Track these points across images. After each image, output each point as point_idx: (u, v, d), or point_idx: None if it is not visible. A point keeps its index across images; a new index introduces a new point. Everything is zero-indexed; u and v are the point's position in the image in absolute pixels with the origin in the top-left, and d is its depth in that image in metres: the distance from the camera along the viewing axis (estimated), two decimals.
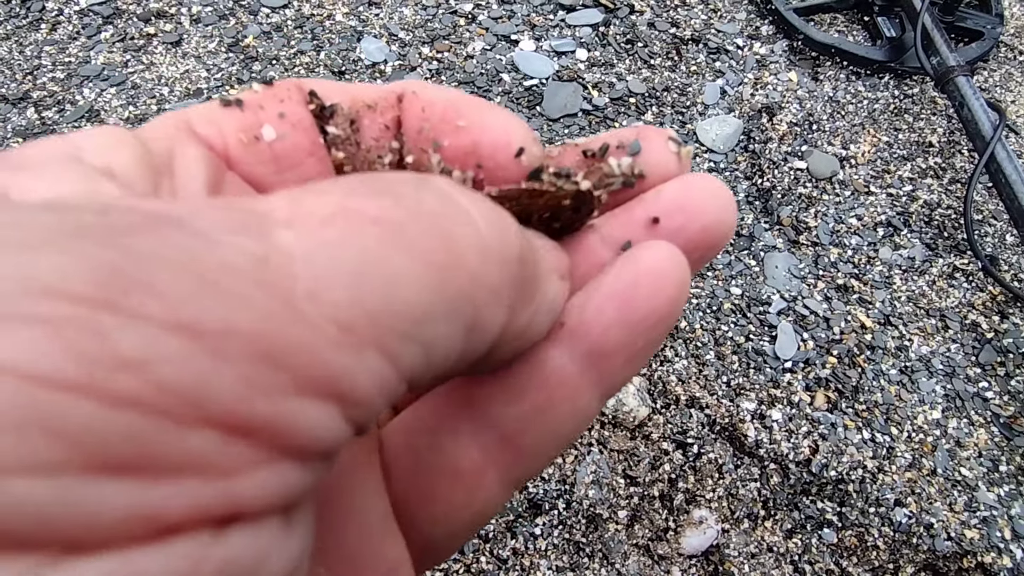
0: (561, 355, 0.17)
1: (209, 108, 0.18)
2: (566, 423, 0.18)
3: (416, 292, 0.12)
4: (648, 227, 0.19)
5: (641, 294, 0.17)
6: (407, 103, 0.19)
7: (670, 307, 0.17)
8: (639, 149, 0.19)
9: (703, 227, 0.19)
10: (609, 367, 0.17)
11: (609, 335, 0.17)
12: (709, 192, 0.19)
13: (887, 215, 0.84)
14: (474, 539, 0.60)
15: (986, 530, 0.64)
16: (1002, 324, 0.76)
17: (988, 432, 0.70)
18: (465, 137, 0.18)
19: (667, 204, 0.19)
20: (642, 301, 0.17)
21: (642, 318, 0.17)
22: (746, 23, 1.02)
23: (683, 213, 0.19)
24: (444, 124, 0.18)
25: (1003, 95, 0.98)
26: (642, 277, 0.17)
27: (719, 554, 0.62)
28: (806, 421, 0.68)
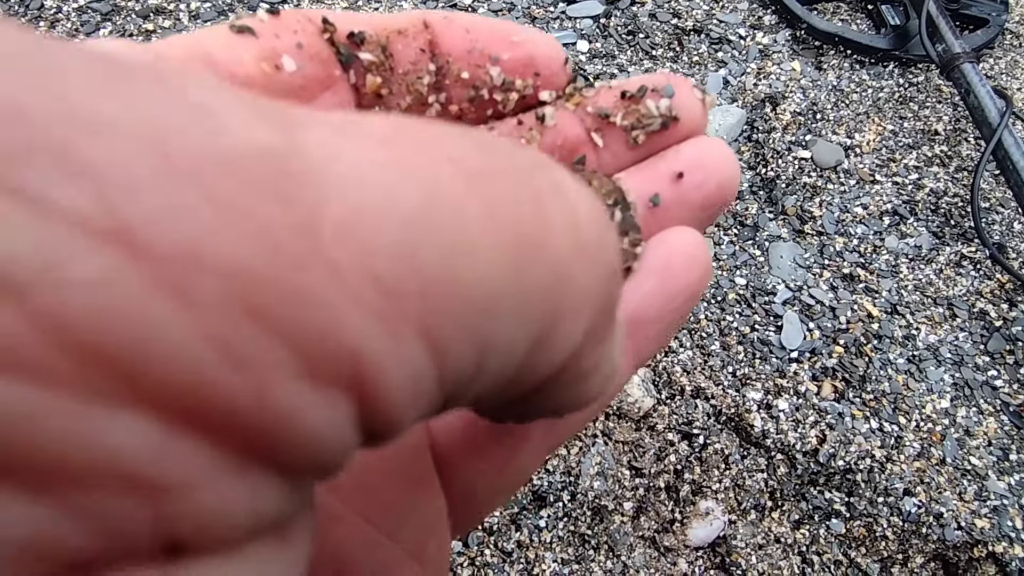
0: None
1: (224, 33, 0.17)
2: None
3: (489, 266, 0.08)
4: (673, 181, 0.20)
5: (677, 269, 0.19)
6: (444, 27, 0.19)
7: (700, 282, 0.19)
8: (673, 93, 0.20)
9: (719, 183, 0.20)
10: (645, 336, 0.18)
11: (649, 304, 0.18)
12: (722, 153, 0.20)
13: (893, 204, 0.83)
14: (478, 531, 0.59)
15: (997, 519, 0.63)
16: (1011, 312, 0.76)
17: (997, 421, 0.69)
18: (521, 50, 0.19)
19: (689, 161, 0.20)
20: (679, 274, 0.18)
21: (679, 290, 0.18)
22: (748, 13, 1.01)
23: (702, 170, 0.20)
24: (497, 42, 0.19)
25: (1009, 82, 0.97)
26: (675, 255, 0.19)
27: (726, 545, 0.62)
28: (813, 411, 0.68)
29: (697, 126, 0.21)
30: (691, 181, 0.20)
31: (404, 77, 0.19)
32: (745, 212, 0.81)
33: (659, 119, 0.20)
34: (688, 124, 0.21)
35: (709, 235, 0.79)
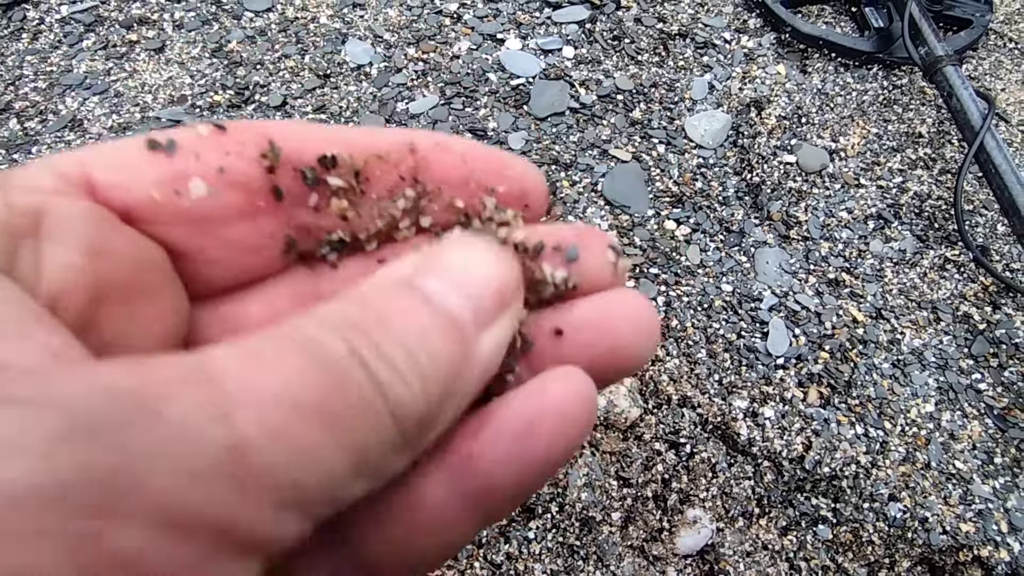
0: (440, 488, 0.16)
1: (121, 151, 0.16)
2: (432, 552, 0.17)
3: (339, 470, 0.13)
4: (550, 337, 0.18)
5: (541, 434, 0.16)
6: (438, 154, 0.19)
7: (569, 450, 0.16)
8: (576, 256, 0.18)
9: (612, 347, 0.17)
10: (492, 503, 0.16)
11: (498, 474, 0.16)
12: (629, 314, 0.18)
13: (877, 207, 0.84)
14: (468, 545, 0.60)
15: (982, 523, 0.64)
16: (994, 315, 0.76)
17: (982, 424, 0.70)
18: (516, 184, 0.19)
19: (579, 318, 0.18)
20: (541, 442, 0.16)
21: (537, 460, 0.16)
22: (733, 17, 1.01)
23: (593, 330, 0.18)
24: (491, 173, 0.19)
25: (993, 83, 0.97)
26: (543, 415, 0.16)
27: (714, 553, 0.62)
28: (799, 417, 0.68)
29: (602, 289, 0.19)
30: (574, 340, 0.18)
31: (377, 202, 0.19)
32: (731, 218, 0.81)
33: (550, 287, 0.18)
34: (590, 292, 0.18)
35: (695, 242, 0.79)
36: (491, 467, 0.16)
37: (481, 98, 0.90)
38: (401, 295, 0.15)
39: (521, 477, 0.16)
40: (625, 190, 0.82)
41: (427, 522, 0.16)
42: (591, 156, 0.85)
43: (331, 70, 0.92)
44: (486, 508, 0.16)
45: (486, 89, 0.91)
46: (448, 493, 0.16)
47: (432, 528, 0.16)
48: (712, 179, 0.84)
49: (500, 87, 0.91)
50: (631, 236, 0.79)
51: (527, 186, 0.20)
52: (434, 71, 0.93)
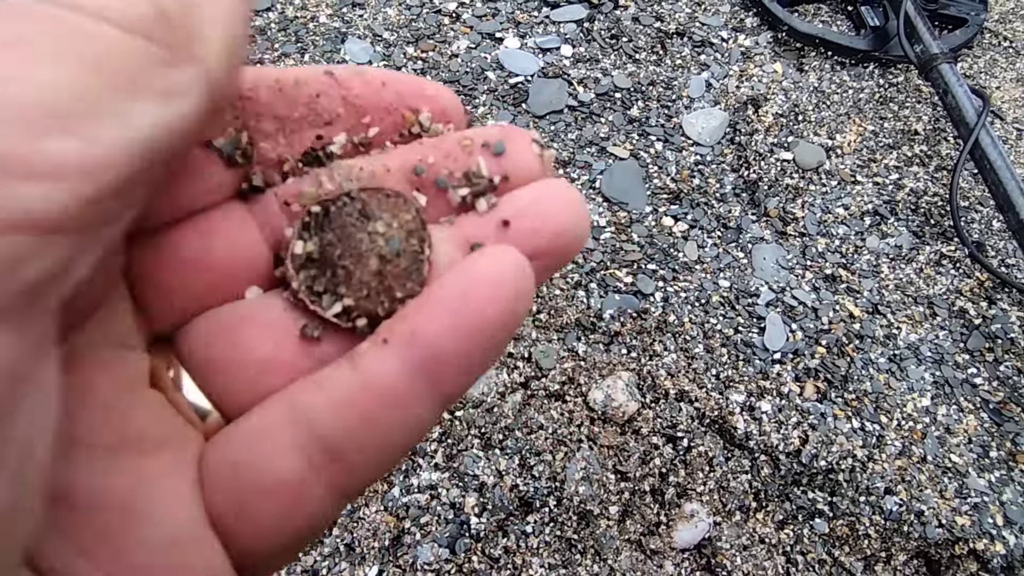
0: (392, 363, 0.17)
1: None
2: (396, 432, 0.17)
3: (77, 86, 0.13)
4: (499, 229, 0.19)
5: (474, 302, 0.17)
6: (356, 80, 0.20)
7: (505, 316, 0.17)
8: (503, 150, 0.20)
9: (554, 232, 0.19)
10: (443, 375, 0.17)
11: (441, 343, 0.17)
12: (563, 198, 0.19)
13: (874, 204, 0.84)
14: (466, 539, 0.60)
15: (977, 516, 0.64)
16: (990, 310, 0.77)
17: (978, 418, 0.70)
18: (436, 103, 0.21)
19: (520, 207, 0.19)
20: (475, 309, 0.17)
21: (475, 327, 0.17)
22: (730, 15, 1.02)
23: (535, 217, 0.19)
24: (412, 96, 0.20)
25: (988, 81, 0.98)
26: (477, 285, 0.17)
27: (711, 547, 0.62)
28: (796, 412, 0.68)
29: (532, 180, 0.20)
30: (520, 228, 0.19)
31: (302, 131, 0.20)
32: (728, 215, 0.82)
33: (485, 180, 0.20)
34: (521, 183, 0.20)
35: (693, 239, 0.80)
36: (434, 338, 0.17)
37: (480, 96, 0.90)
38: None
39: (465, 345, 0.17)
40: (623, 187, 0.82)
41: (385, 399, 0.17)
42: (589, 153, 0.85)
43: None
44: (438, 379, 0.17)
45: (485, 87, 0.91)
46: (401, 368, 0.17)
47: (391, 405, 0.17)
48: (709, 176, 0.85)
49: (499, 85, 0.92)
50: (629, 233, 0.79)
51: (445, 104, 0.21)
52: (433, 70, 0.93)
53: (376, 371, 0.17)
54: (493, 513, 0.61)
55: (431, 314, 0.17)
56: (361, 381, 0.17)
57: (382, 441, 0.17)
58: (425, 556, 0.59)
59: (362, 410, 0.17)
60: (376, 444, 0.17)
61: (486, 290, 0.17)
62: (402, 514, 0.60)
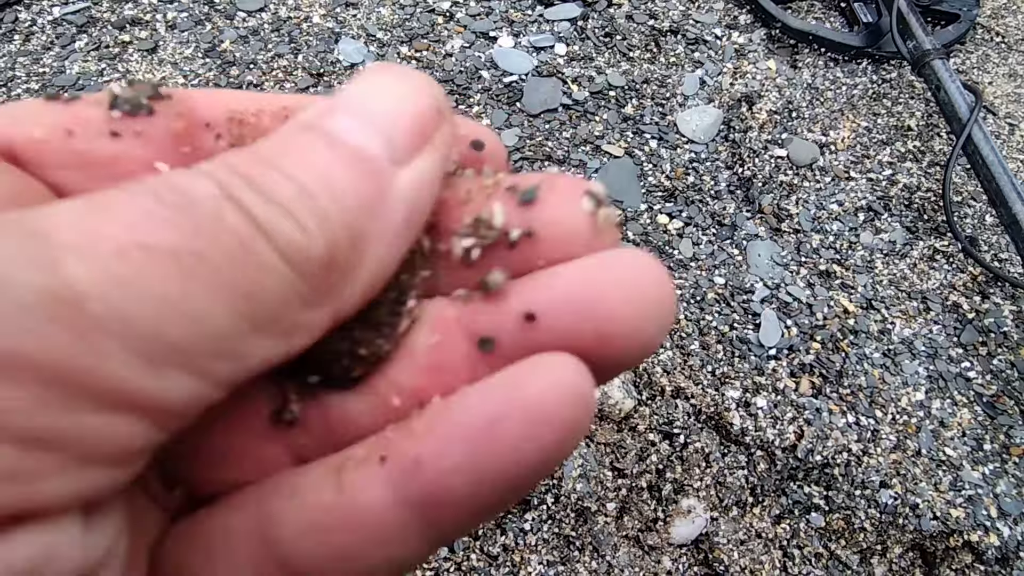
0: (381, 491, 0.13)
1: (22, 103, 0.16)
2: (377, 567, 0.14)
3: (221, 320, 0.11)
4: (520, 323, 0.14)
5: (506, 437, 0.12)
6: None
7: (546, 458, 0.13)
8: (533, 198, 0.14)
9: (603, 334, 0.13)
10: (443, 518, 0.13)
11: (451, 484, 0.13)
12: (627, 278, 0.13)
13: (867, 200, 0.85)
14: (464, 537, 0.60)
15: (972, 509, 0.65)
16: (983, 304, 0.77)
17: (971, 411, 0.70)
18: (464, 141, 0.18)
19: (559, 293, 0.14)
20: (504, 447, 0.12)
21: (500, 470, 0.13)
22: (724, 13, 1.02)
23: (577, 312, 0.13)
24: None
25: (981, 76, 0.98)
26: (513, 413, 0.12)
27: (709, 542, 0.63)
28: (791, 407, 0.69)
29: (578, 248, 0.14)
30: (551, 327, 0.13)
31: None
32: (723, 212, 0.82)
33: (495, 232, 0.14)
34: (557, 247, 0.14)
35: (688, 236, 0.80)
36: (440, 476, 0.13)
37: (474, 95, 0.90)
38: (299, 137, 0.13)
39: (479, 488, 0.13)
40: (618, 185, 0.83)
41: (366, 531, 0.14)
42: (584, 152, 0.86)
43: (324, 69, 0.93)
44: (437, 522, 0.13)
45: (479, 87, 0.91)
46: (390, 499, 0.13)
47: (371, 538, 0.14)
48: (704, 173, 0.85)
49: (493, 84, 0.92)
50: (624, 230, 0.79)
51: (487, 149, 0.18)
52: (427, 69, 0.93)
53: (362, 497, 0.14)
54: None
55: (444, 442, 0.13)
56: (343, 506, 0.14)
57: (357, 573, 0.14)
58: None
59: (338, 541, 0.14)
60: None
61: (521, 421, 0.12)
62: None
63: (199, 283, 0.11)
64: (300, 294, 0.12)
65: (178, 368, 0.11)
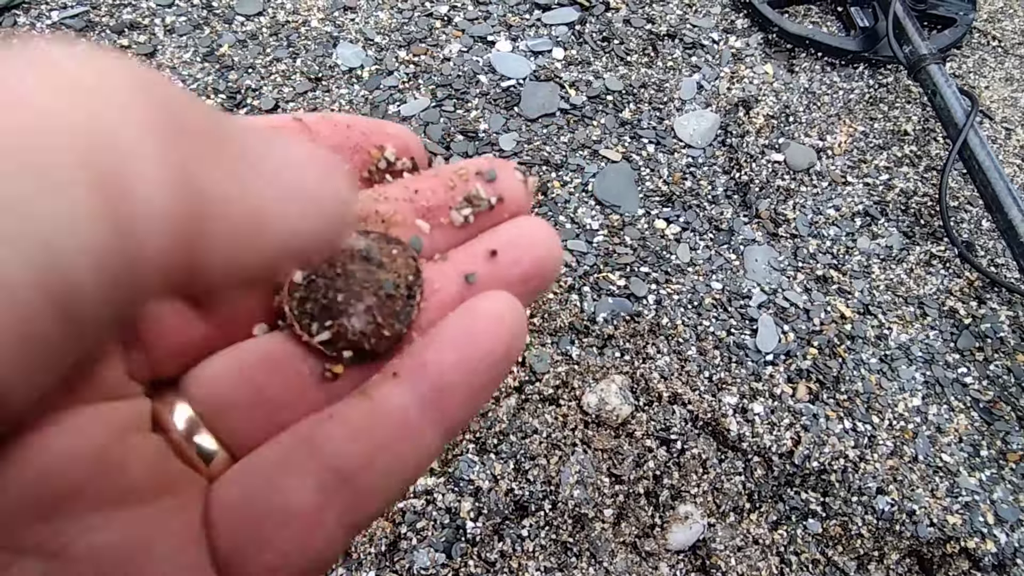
0: (403, 394, 0.18)
1: None
2: (407, 462, 0.18)
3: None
4: (488, 259, 0.21)
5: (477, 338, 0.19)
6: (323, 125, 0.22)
7: (504, 350, 0.19)
8: (495, 176, 0.23)
9: (535, 259, 0.21)
10: (449, 405, 0.19)
11: (449, 376, 0.18)
12: (539, 231, 0.22)
13: (864, 205, 0.85)
14: (461, 543, 0.60)
15: (968, 515, 0.65)
16: (979, 310, 0.77)
17: (968, 417, 0.71)
18: (400, 141, 0.23)
19: (505, 240, 0.21)
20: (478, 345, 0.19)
21: (478, 360, 0.19)
22: (721, 17, 1.02)
23: (518, 248, 0.21)
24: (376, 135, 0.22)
25: (977, 81, 0.98)
26: (479, 323, 0.19)
27: (706, 548, 0.63)
28: (788, 413, 0.69)
29: (522, 205, 0.22)
30: (506, 258, 0.21)
31: None
32: (720, 216, 0.82)
33: (486, 200, 0.22)
34: (512, 204, 0.22)
35: (685, 241, 0.80)
36: (443, 369, 0.19)
37: (472, 100, 0.90)
38: None
39: (470, 377, 0.18)
40: (615, 190, 0.83)
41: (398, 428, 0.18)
42: (581, 156, 0.86)
43: (322, 73, 0.93)
44: (445, 409, 0.18)
45: (477, 91, 0.91)
46: (412, 399, 0.18)
47: (403, 434, 0.18)
48: (701, 178, 0.85)
49: (491, 89, 0.92)
50: (622, 236, 0.79)
51: (407, 141, 0.23)
52: (425, 73, 0.93)
53: (389, 402, 0.18)
54: (489, 517, 0.61)
55: (440, 349, 0.19)
56: (375, 411, 0.18)
57: (393, 470, 0.18)
58: (422, 561, 0.59)
59: (376, 439, 0.18)
60: (387, 473, 0.18)
61: (487, 327, 0.19)
62: (398, 519, 0.61)
63: None
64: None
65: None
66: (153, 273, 0.11)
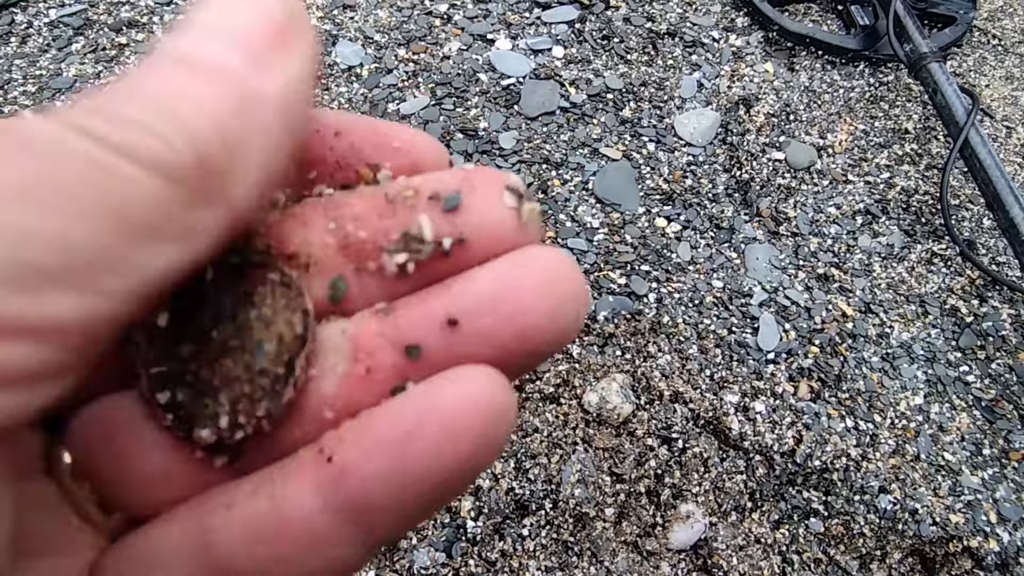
0: (315, 499, 0.14)
1: None
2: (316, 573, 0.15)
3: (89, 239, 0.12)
4: (443, 328, 0.14)
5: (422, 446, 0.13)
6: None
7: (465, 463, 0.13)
8: (457, 203, 0.15)
9: (520, 331, 0.14)
10: (374, 523, 0.14)
11: (375, 490, 0.14)
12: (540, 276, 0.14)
13: (865, 203, 0.84)
14: (462, 543, 0.60)
15: (971, 514, 0.65)
16: (981, 308, 0.77)
17: (970, 416, 0.70)
18: (405, 158, 0.17)
19: (477, 297, 0.14)
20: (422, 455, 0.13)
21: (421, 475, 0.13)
22: (721, 15, 1.02)
23: (494, 311, 0.14)
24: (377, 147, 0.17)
25: (977, 79, 0.98)
26: (427, 423, 0.13)
27: (707, 547, 0.62)
28: (790, 412, 0.69)
29: (504, 245, 0.15)
30: (472, 329, 0.14)
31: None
32: (721, 215, 0.82)
33: (429, 246, 0.15)
34: (484, 245, 0.15)
35: (686, 239, 0.80)
36: (364, 483, 0.14)
37: (472, 98, 0.90)
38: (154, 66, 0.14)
39: (403, 494, 0.14)
40: (616, 188, 0.83)
41: (300, 538, 0.14)
42: (582, 155, 0.85)
43: (322, 71, 0.92)
44: (367, 527, 0.14)
45: (477, 89, 0.91)
46: (324, 507, 0.14)
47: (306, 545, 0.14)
48: (702, 177, 0.85)
49: (491, 87, 0.91)
50: (622, 234, 0.79)
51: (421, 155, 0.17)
52: (424, 72, 0.93)
53: (294, 505, 0.14)
54: (489, 517, 0.61)
55: (366, 452, 0.14)
56: (276, 515, 0.14)
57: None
58: (422, 561, 0.59)
59: (274, 549, 0.14)
60: None
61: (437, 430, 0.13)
62: None
63: (53, 208, 0.12)
64: (179, 200, 0.13)
65: (57, 289, 0.12)
66: None
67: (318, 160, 0.17)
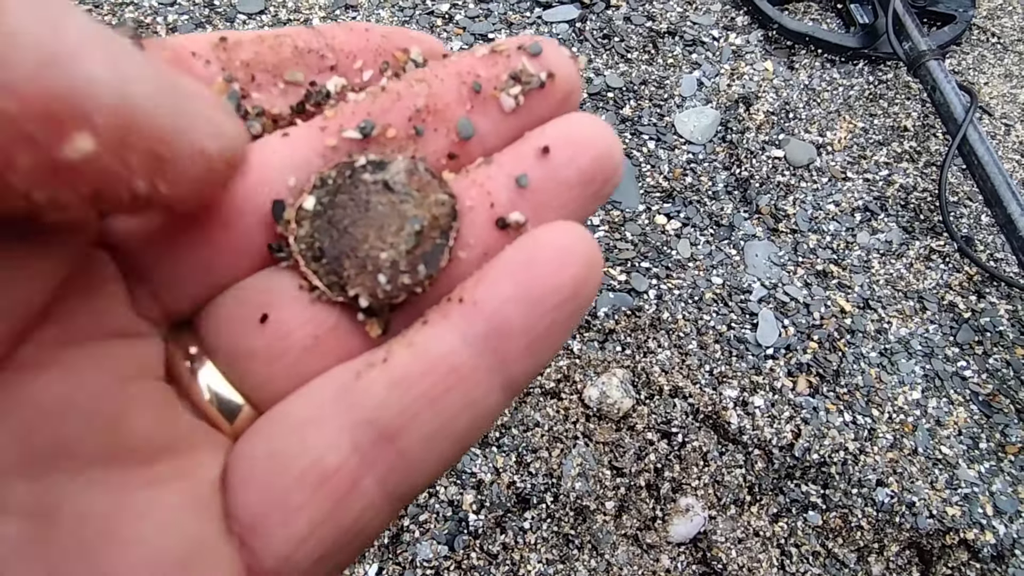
0: (452, 335, 0.16)
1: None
2: (459, 418, 0.16)
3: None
4: (539, 157, 0.18)
5: (540, 269, 0.15)
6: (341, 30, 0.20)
7: (574, 285, 0.15)
8: (540, 50, 0.19)
9: (593, 157, 0.17)
10: (509, 351, 0.15)
11: (506, 313, 0.15)
12: (593, 126, 0.18)
13: (864, 200, 0.85)
14: (464, 535, 0.61)
15: (968, 507, 0.65)
16: (979, 304, 0.78)
17: (967, 410, 0.71)
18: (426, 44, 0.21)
19: (556, 136, 0.18)
20: (543, 276, 0.15)
21: (543, 295, 0.15)
22: (721, 14, 1.02)
23: (572, 145, 0.18)
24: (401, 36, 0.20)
25: (976, 77, 0.99)
26: (543, 252, 0.16)
27: (707, 540, 0.63)
28: (788, 406, 0.69)
29: (573, 86, 0.19)
30: (560, 157, 0.17)
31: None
32: (720, 212, 0.83)
33: (536, 77, 0.18)
34: (564, 83, 0.19)
35: (686, 236, 0.81)
36: (498, 308, 0.15)
37: None
38: None
39: (532, 316, 0.15)
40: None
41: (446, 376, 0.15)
42: None
43: None
44: (505, 355, 0.15)
45: None
46: (463, 341, 0.15)
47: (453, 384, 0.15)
48: (702, 174, 0.86)
49: None
50: (623, 231, 0.80)
51: (432, 45, 0.20)
52: None
53: (435, 347, 0.16)
54: (491, 510, 0.62)
55: (493, 283, 0.16)
56: (419, 359, 0.16)
57: (443, 427, 0.15)
58: (424, 553, 0.59)
59: (422, 389, 0.15)
60: (437, 430, 0.15)
61: (553, 256, 0.16)
62: (401, 512, 0.61)
63: None
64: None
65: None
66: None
67: (360, 51, 0.20)
